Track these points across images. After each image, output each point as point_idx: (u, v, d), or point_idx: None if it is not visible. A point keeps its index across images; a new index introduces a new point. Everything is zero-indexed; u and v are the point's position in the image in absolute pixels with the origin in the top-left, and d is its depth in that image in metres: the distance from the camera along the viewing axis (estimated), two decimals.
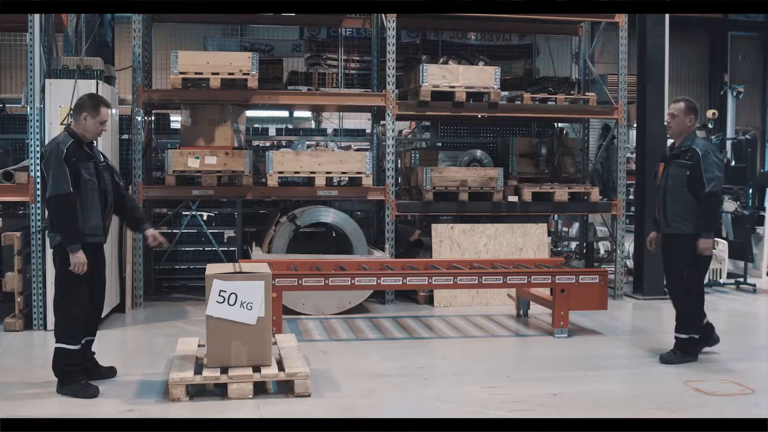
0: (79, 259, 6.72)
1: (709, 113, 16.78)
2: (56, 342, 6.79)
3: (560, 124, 13.48)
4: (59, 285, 6.89)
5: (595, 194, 11.56)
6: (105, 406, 6.50)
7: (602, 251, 15.11)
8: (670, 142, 8.66)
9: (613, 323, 10.02)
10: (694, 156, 7.83)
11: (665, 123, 8.27)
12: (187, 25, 13.70)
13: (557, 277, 9.10)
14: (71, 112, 8.82)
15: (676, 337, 8.05)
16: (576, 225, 15.54)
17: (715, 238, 12.70)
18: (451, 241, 11.07)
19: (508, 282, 9.20)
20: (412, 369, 7.71)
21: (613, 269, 11.76)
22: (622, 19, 11.62)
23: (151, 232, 7.36)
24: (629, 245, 12.43)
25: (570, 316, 9.25)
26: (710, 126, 16.56)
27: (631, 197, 14.04)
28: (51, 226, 6.88)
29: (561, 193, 11.42)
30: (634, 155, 13.53)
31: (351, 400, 6.69)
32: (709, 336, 8.22)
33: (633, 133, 14.31)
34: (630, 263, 12.60)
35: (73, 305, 6.82)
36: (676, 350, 8.02)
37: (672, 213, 7.96)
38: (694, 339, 8.01)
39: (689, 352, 8.00)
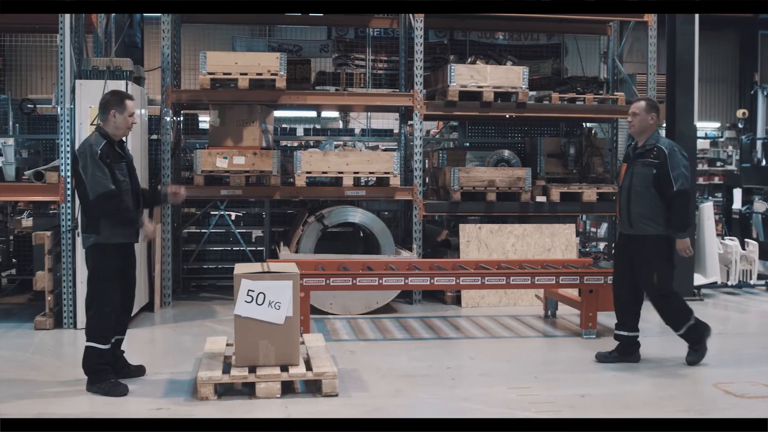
0: (150, 227, 7.10)
1: (740, 113, 16.68)
2: (87, 341, 6.84)
3: (589, 124, 13.42)
4: (91, 285, 6.94)
5: None
6: (134, 404, 6.55)
7: None
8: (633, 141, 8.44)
9: (642, 324, 9.85)
10: (661, 154, 7.65)
11: (628, 121, 8.08)
12: (215, 25, 13.76)
13: (585, 277, 9.06)
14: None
15: (680, 336, 7.94)
16: (604, 225, 15.49)
17: (745, 239, 12.71)
18: (479, 241, 11.06)
19: (536, 282, 9.16)
20: (439, 369, 7.71)
21: None
22: (651, 18, 11.56)
23: (170, 188, 7.49)
24: None
25: (598, 317, 9.21)
26: (740, 126, 16.45)
27: None
28: (85, 227, 6.92)
29: (589, 194, 11.37)
30: None
31: (378, 400, 6.69)
32: (633, 351, 8.07)
33: (662, 133, 14.22)
34: None
35: (105, 305, 6.86)
36: (691, 348, 7.93)
37: (636, 213, 7.76)
38: (692, 326, 7.85)
39: (697, 341, 7.89)
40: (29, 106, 11.52)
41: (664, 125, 12.30)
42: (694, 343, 7.92)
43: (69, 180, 9.18)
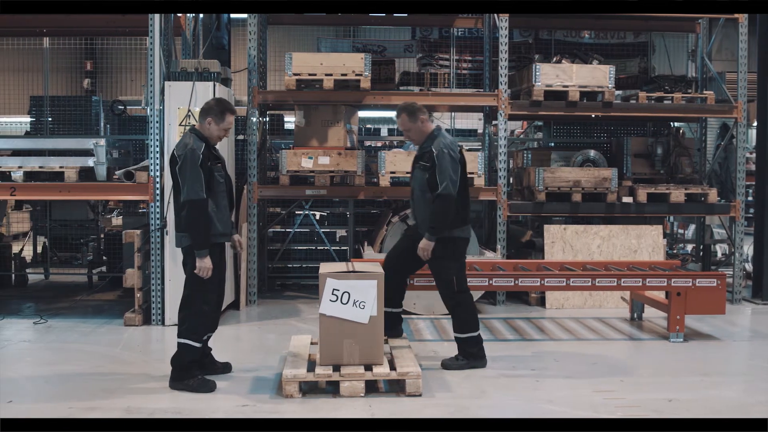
0: (206, 264, 6.85)
1: None
2: (181, 337, 6.93)
3: (676, 124, 13.19)
4: (192, 284, 6.99)
5: (712, 195, 11.26)
6: (220, 400, 6.65)
7: (719, 254, 14.74)
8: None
9: (732, 328, 9.76)
10: (430, 157, 7.53)
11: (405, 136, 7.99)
12: (300, 27, 13.88)
13: (673, 279, 8.90)
14: (189, 113, 9.07)
15: (455, 338, 7.76)
16: (692, 227, 15.20)
17: None
18: (564, 242, 10.95)
19: (622, 284, 9.02)
20: (523, 371, 7.66)
21: (731, 273, 11.44)
22: (741, 15, 11.30)
23: (237, 237, 7.49)
24: (748, 248, 12.09)
25: (686, 320, 9.04)
26: None
27: (751, 198, 13.65)
28: (182, 227, 7.02)
29: (677, 194, 11.16)
30: (753, 155, 13.15)
31: (462, 401, 6.68)
32: (393, 325, 7.94)
33: (753, 133, 13.92)
34: (749, 267, 12.25)
35: (205, 303, 6.98)
36: (459, 356, 7.72)
37: (420, 217, 7.74)
38: (474, 338, 7.69)
39: (472, 355, 7.69)
40: (120, 107, 11.79)
41: (755, 125, 12.04)
42: (466, 357, 7.70)
43: (158, 180, 9.36)
